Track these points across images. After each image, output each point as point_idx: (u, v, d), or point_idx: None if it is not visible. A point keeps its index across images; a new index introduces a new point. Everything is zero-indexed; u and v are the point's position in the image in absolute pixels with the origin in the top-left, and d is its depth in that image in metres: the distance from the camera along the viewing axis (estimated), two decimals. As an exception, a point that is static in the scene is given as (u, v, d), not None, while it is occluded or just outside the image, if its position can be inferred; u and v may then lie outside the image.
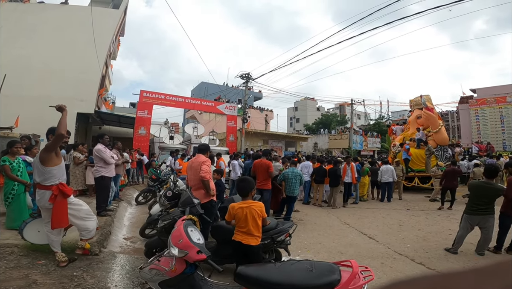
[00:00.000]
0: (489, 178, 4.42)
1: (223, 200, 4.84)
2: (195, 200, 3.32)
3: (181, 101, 17.75)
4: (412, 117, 13.95)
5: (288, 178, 6.36)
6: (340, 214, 7.42)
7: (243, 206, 2.77)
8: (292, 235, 3.48)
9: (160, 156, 12.66)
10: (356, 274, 2.03)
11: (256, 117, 27.62)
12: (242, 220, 2.73)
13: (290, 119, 52.15)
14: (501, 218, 4.30)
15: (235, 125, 18.97)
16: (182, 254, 2.16)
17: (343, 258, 4.21)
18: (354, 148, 26.37)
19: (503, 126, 22.31)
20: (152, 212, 4.81)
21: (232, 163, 9.59)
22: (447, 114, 28.82)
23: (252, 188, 2.92)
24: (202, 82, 39.81)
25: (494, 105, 22.95)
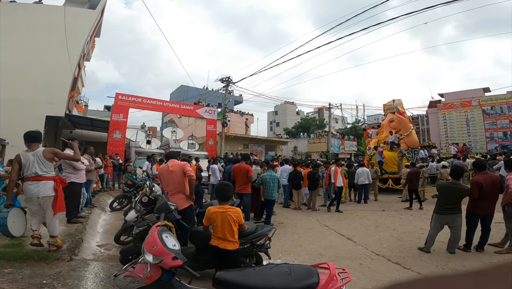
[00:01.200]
0: (455, 179, 4.62)
1: (201, 205, 4.75)
2: (172, 206, 3.24)
3: (159, 105, 17.34)
4: (386, 121, 14.55)
5: (266, 182, 6.37)
6: (320, 216, 7.53)
7: (219, 211, 2.75)
8: (271, 239, 3.47)
9: (137, 160, 12.22)
10: (334, 276, 2.06)
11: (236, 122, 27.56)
12: (218, 225, 2.71)
13: (270, 123, 52.56)
14: (467, 217, 4.50)
15: (215, 129, 18.80)
16: (157, 260, 2.13)
17: (324, 260, 4.24)
18: (332, 151, 27.02)
19: (469, 129, 23.84)
20: (128, 218, 4.72)
21: (212, 167, 9.47)
22: (418, 118, 30.41)
23: (232, 194, 2.92)
24: (182, 85, 39.18)
25: (460, 109, 24.50)
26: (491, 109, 23.20)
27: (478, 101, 23.69)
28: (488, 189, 4.32)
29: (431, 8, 8.66)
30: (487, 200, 4.37)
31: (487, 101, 23.51)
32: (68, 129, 17.81)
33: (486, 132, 22.85)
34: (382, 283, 3.40)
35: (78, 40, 13.73)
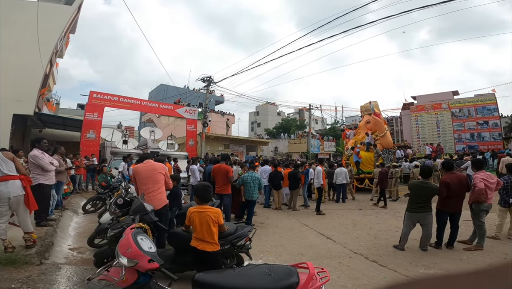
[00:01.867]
0: (424, 178, 4.82)
1: (180, 206, 4.65)
2: (148, 207, 3.15)
3: (137, 104, 16.80)
4: (362, 122, 15.02)
5: (246, 182, 6.35)
6: (300, 216, 7.62)
7: (197, 211, 2.71)
8: (252, 239, 3.46)
9: (112, 161, 11.74)
10: (313, 275, 2.09)
11: (217, 122, 27.32)
12: (197, 224, 2.67)
13: (251, 124, 52.63)
14: (437, 214, 4.69)
15: (195, 129, 18.50)
16: (132, 263, 2.09)
17: (304, 259, 4.29)
18: (312, 151, 27.50)
19: (439, 130, 25.17)
20: (102, 220, 4.60)
21: (191, 168, 9.30)
22: (392, 119, 31.70)
23: (212, 195, 2.90)
24: (161, 84, 38.20)
25: (431, 112, 25.82)
26: (460, 112, 24.64)
27: (447, 104, 25.10)
28: (456, 188, 4.53)
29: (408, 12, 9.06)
30: (455, 198, 4.57)
31: (456, 104, 24.95)
32: (38, 129, 16.85)
33: (455, 134, 24.24)
34: (360, 281, 3.47)
35: (51, 36, 13.12)
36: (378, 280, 3.47)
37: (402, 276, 3.57)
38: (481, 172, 4.76)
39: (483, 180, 4.56)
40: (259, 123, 50.18)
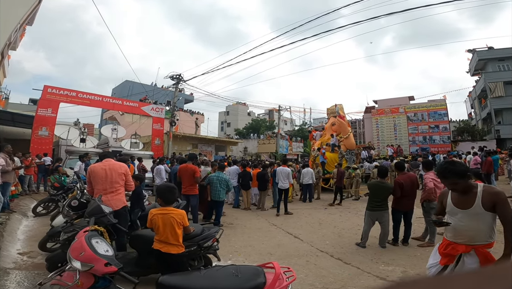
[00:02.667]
0: (381, 178, 5.10)
1: (143, 207, 4.44)
2: (106, 209, 2.98)
3: (98, 100, 15.78)
4: (328, 124, 15.61)
5: (212, 182, 6.25)
6: (268, 216, 7.68)
7: (160, 213, 2.60)
8: (220, 240, 3.41)
9: (68, 160, 10.85)
10: (279, 275, 2.11)
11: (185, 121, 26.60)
12: (160, 227, 2.57)
13: (221, 124, 52.13)
14: (392, 213, 4.96)
15: (162, 128, 17.85)
16: (86, 267, 2.01)
17: (273, 258, 4.33)
18: (281, 152, 28.00)
19: (396, 133, 27.10)
20: (55, 223, 4.31)
21: (157, 168, 8.93)
22: (355, 122, 33.46)
23: (176, 196, 2.82)
24: (126, 80, 36.20)
25: (390, 115, 27.74)
26: (414, 116, 26.78)
27: (404, 109, 27.15)
28: (408, 188, 4.82)
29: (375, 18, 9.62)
30: (407, 197, 4.87)
31: (411, 109, 27.09)
32: (-19, 125, 15.06)
33: (409, 136, 26.27)
34: (327, 279, 3.57)
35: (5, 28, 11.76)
36: (343, 278, 3.60)
37: (365, 273, 3.73)
38: (431, 172, 5.11)
39: (432, 180, 4.88)
40: (229, 123, 49.88)
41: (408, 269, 3.80)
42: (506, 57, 24.86)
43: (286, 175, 7.89)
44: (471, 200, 2.19)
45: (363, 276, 3.63)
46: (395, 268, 3.86)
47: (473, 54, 27.25)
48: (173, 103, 18.76)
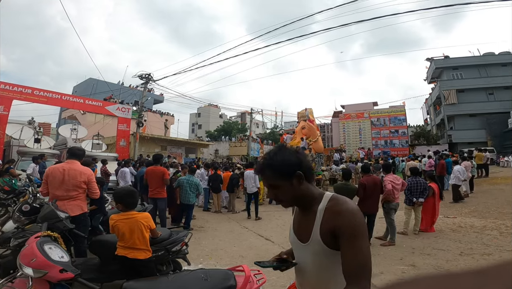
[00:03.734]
0: (346, 180, 5.28)
1: (105, 212, 4.16)
2: (62, 214, 2.79)
3: (56, 98, 14.64)
4: (298, 127, 16.02)
5: (182, 186, 6.07)
6: (240, 218, 7.61)
7: (124, 218, 2.47)
8: (189, 244, 3.31)
9: (20, 162, 9.86)
10: (249, 278, 2.08)
11: (154, 122, 25.63)
12: (126, 233, 2.43)
13: (192, 125, 51.09)
14: None
15: (128, 129, 17.03)
16: (39, 274, 1.95)
17: (245, 261, 4.30)
18: (252, 154, 28.09)
19: (361, 137, 28.60)
20: (5, 229, 3.94)
21: (122, 170, 8.46)
22: (324, 126, 34.73)
23: (138, 200, 2.71)
24: (90, 78, 33.98)
25: (355, 120, 29.23)
26: (377, 121, 28.48)
27: (368, 114, 28.78)
28: (371, 190, 5.00)
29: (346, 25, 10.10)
30: (371, 199, 5.04)
31: (375, 114, 28.80)
32: None
33: (373, 140, 27.86)
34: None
35: None
36: (312, 278, 3.64)
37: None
38: (390, 175, 5.41)
39: (391, 182, 5.15)
40: (200, 125, 49.07)
41: (372, 268, 3.92)
42: (460, 66, 27.45)
43: (253, 178, 7.72)
44: (310, 226, 1.17)
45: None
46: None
47: (431, 62, 29.66)
48: (141, 103, 17.99)
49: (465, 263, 3.99)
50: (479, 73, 26.33)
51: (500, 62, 26.04)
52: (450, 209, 7.85)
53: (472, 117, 25.39)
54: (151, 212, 5.59)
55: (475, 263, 3.97)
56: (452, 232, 5.64)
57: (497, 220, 6.34)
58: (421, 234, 5.56)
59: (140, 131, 17.62)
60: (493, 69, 25.86)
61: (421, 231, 5.65)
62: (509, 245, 4.61)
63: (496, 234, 5.32)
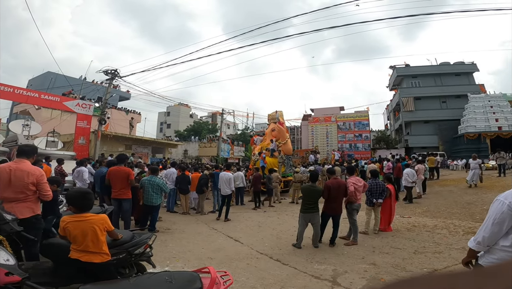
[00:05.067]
0: (312, 182, 5.44)
1: (59, 214, 3.88)
2: (8, 216, 2.59)
3: (8, 91, 13.38)
4: (268, 129, 16.18)
5: (144, 186, 5.85)
6: (208, 220, 7.51)
7: (76, 220, 2.35)
8: (154, 246, 3.20)
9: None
10: (215, 279, 2.07)
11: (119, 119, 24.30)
12: (78, 235, 2.32)
13: (160, 124, 49.34)
14: (321, 215, 5.26)
15: (89, 126, 16.01)
16: None
17: (213, 263, 4.26)
18: (222, 155, 27.87)
19: (328, 140, 29.78)
20: None
21: (78, 170, 7.91)
22: (294, 128, 35.57)
23: (93, 203, 2.58)
24: (48, 72, 31.20)
25: (323, 124, 30.37)
26: (343, 125, 29.88)
27: (335, 118, 30.06)
28: (335, 192, 5.19)
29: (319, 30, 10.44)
30: (335, 201, 5.24)
31: (341, 118, 30.19)
32: None
33: (339, 144, 29.14)
34: (267, 281, 3.62)
35: None
36: (282, 278, 3.71)
37: (301, 273, 3.90)
38: (352, 177, 5.69)
39: (353, 184, 5.41)
40: (169, 124, 47.55)
41: (337, 267, 4.09)
42: (418, 74, 29.73)
43: (228, 181, 7.67)
44: None
45: (300, 276, 3.80)
46: (327, 266, 4.14)
47: (393, 70, 31.74)
48: (105, 100, 16.97)
49: (419, 261, 4.24)
50: (434, 82, 28.68)
51: (454, 72, 28.51)
52: (405, 209, 8.43)
53: (426, 123, 27.66)
54: (115, 213, 5.33)
55: (428, 261, 4.22)
56: (407, 231, 6.03)
57: (446, 220, 6.92)
58: (380, 234, 5.87)
59: (103, 129, 16.63)
60: (447, 78, 28.31)
61: (380, 231, 5.96)
62: (457, 243, 4.96)
63: (445, 233, 5.75)
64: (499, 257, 1.85)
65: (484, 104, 23.12)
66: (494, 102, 23.12)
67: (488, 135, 21.61)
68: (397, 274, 3.77)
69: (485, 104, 23.08)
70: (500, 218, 1.77)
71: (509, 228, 1.77)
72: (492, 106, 22.85)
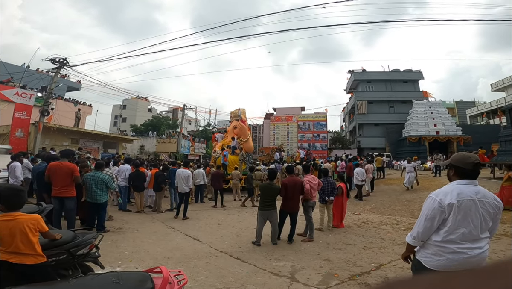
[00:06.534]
0: (271, 180, 5.52)
1: None
2: None
3: None
4: (230, 127, 16.13)
5: (87, 183, 5.44)
6: (166, 218, 7.23)
7: (5, 219, 2.19)
8: (102, 247, 3.04)
9: None
10: (168, 279, 1.99)
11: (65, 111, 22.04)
12: (6, 236, 2.16)
13: (115, 118, 46.00)
14: (279, 213, 5.38)
15: (28, 117, 14.35)
16: None
17: (170, 262, 4.12)
18: (182, 152, 27.02)
19: (288, 139, 30.70)
20: None
21: (12, 165, 7.04)
22: (256, 127, 35.92)
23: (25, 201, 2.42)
24: (-16, 58, 27.01)
25: (285, 123, 31.21)
26: (303, 125, 31.06)
27: (296, 118, 31.10)
28: (292, 190, 5.30)
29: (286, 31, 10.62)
30: (292, 199, 5.25)
31: (302, 118, 31.34)
32: None
33: (298, 143, 30.25)
34: (227, 279, 3.59)
35: None
36: (242, 276, 3.70)
37: (261, 270, 3.93)
38: (308, 175, 5.87)
39: (308, 182, 5.60)
40: (124, 118, 44.59)
41: (295, 264, 4.20)
42: (373, 79, 32.03)
43: (186, 178, 7.37)
44: None
45: (259, 273, 3.83)
46: (285, 263, 4.22)
47: (351, 74, 33.74)
48: (49, 89, 15.27)
49: (367, 256, 4.50)
50: (385, 87, 31.21)
51: (402, 78, 31.27)
52: (356, 206, 9.03)
53: (376, 126, 30.02)
54: (56, 212, 4.87)
55: (375, 256, 4.49)
56: (357, 227, 6.44)
57: (390, 216, 7.55)
58: (334, 230, 6.15)
59: (45, 121, 14.98)
60: (396, 84, 31.00)
61: (333, 227, 6.25)
62: (400, 238, 5.35)
63: (389, 229, 6.24)
64: (433, 252, 1.98)
65: (425, 110, 25.74)
66: (434, 109, 25.86)
67: (427, 138, 24.12)
68: (349, 269, 3.95)
69: (426, 110, 25.70)
70: (432, 214, 1.93)
71: (439, 223, 1.94)
72: (432, 112, 25.51)
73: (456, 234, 1.91)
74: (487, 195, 1.96)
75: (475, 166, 1.96)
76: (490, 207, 1.93)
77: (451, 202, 1.89)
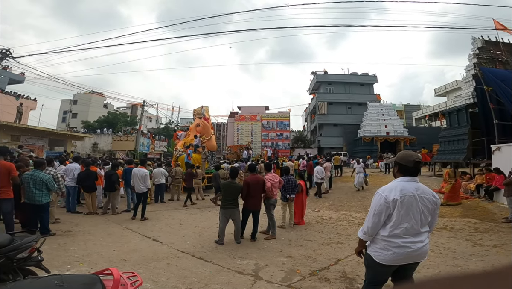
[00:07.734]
0: (232, 178, 5.51)
1: None
2: None
3: None
4: (193, 125, 15.76)
5: (25, 182, 5.00)
6: (122, 220, 6.84)
7: None
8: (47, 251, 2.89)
9: None
10: (119, 281, 1.89)
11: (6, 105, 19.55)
12: None
13: (64, 113, 41.96)
14: (242, 211, 5.34)
15: (-43, 109, 12.40)
16: None
17: (127, 264, 3.93)
18: (141, 150, 25.69)
19: (252, 138, 30.93)
20: None
21: None
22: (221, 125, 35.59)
23: None
24: None
25: (249, 122, 31.40)
26: (267, 124, 31.55)
27: (260, 117, 31.47)
28: (254, 188, 5.25)
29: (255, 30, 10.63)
30: (255, 197, 5.30)
31: (266, 117, 31.82)
32: None
33: (262, 142, 30.68)
34: (190, 279, 3.49)
35: None
36: (205, 276, 3.64)
37: (225, 269, 3.91)
38: (269, 174, 6.00)
39: (270, 180, 5.71)
40: (75, 114, 40.90)
41: (259, 261, 4.23)
42: (333, 81, 33.57)
43: (143, 177, 7.02)
44: None
45: (223, 272, 3.80)
46: (249, 261, 4.25)
47: (314, 76, 34.99)
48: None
49: (326, 252, 4.69)
50: (344, 89, 32.97)
51: (359, 81, 33.26)
52: (316, 203, 9.42)
53: (335, 126, 31.63)
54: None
55: (333, 252, 4.69)
56: (317, 224, 6.70)
57: (346, 212, 8.00)
58: (295, 227, 6.33)
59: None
60: (354, 87, 32.93)
61: (295, 224, 6.42)
62: (355, 234, 5.44)
63: (346, 225, 6.58)
64: (381, 246, 2.09)
65: (378, 112, 27.83)
66: (385, 111, 28.07)
67: (379, 138, 26.13)
68: (310, 265, 4.09)
69: (379, 112, 27.79)
70: (379, 209, 2.06)
71: (386, 218, 2.06)
72: (383, 114, 27.67)
73: (400, 229, 2.03)
74: (426, 191, 2.12)
75: (416, 163, 2.13)
76: (428, 203, 2.08)
77: (395, 198, 2.02)
